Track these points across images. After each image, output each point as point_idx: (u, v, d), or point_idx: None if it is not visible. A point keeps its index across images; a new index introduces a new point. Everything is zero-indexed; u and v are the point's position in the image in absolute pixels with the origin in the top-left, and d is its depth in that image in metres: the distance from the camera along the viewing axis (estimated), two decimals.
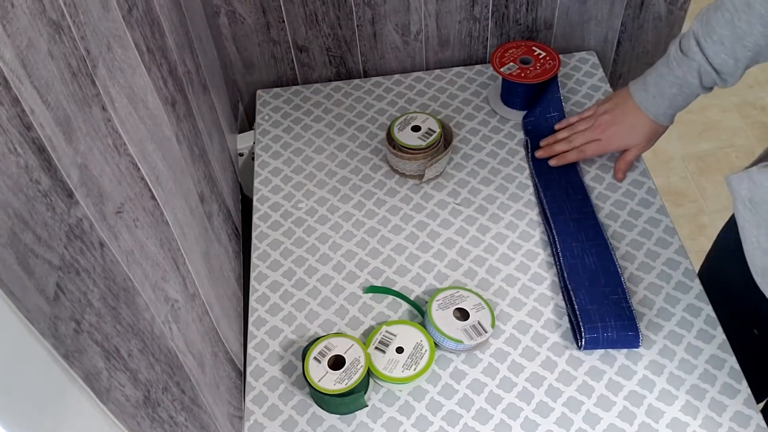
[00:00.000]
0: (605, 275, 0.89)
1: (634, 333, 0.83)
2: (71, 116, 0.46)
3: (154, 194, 0.62)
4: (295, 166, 1.10)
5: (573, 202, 0.98)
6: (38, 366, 0.37)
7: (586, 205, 0.98)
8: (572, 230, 0.94)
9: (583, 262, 0.91)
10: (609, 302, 0.86)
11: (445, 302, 0.87)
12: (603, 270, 0.90)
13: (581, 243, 0.93)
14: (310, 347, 0.83)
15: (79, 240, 0.44)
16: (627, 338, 0.83)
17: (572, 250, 0.92)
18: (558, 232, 0.94)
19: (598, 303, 0.86)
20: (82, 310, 0.43)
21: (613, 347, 0.84)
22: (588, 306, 0.85)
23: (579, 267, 0.90)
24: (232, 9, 1.13)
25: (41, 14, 0.44)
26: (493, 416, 0.81)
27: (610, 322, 0.84)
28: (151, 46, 0.70)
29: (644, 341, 0.85)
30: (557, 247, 0.93)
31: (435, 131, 1.03)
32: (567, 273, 0.90)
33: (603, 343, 0.83)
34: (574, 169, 1.03)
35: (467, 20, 1.19)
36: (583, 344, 0.83)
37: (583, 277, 0.89)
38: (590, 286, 0.88)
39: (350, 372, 0.80)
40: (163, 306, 0.59)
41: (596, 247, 0.92)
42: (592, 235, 0.94)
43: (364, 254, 0.98)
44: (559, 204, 0.98)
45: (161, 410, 0.55)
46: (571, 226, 0.95)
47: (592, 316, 0.84)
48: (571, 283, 0.88)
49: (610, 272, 0.89)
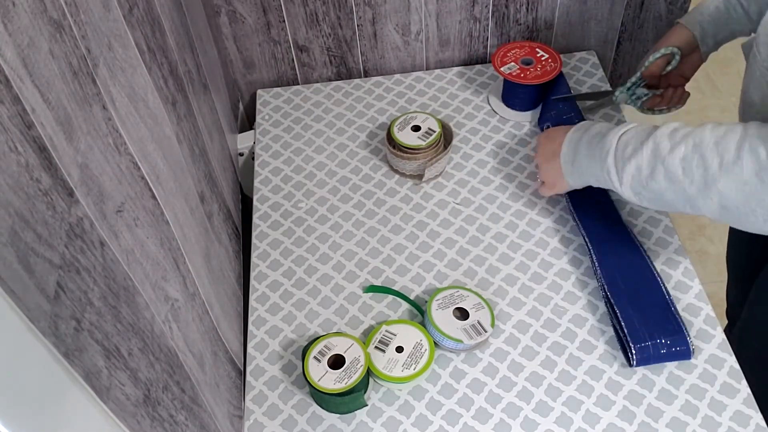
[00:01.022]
0: (645, 284, 0.86)
1: (685, 347, 0.81)
2: (72, 115, 0.46)
3: (155, 193, 0.62)
4: (295, 166, 1.10)
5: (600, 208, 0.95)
6: (38, 365, 0.37)
7: (614, 210, 0.96)
8: (606, 237, 0.92)
9: (622, 271, 0.88)
10: (654, 314, 0.83)
11: (444, 302, 0.87)
12: (642, 278, 0.87)
13: (617, 252, 0.90)
14: (310, 346, 0.83)
15: (79, 239, 0.44)
16: (678, 352, 0.81)
17: (608, 259, 0.89)
18: (592, 238, 0.92)
19: (644, 316, 0.83)
20: (82, 308, 0.43)
21: (664, 361, 0.82)
22: (634, 321, 0.82)
23: (618, 277, 0.87)
24: (233, 9, 1.13)
25: (42, 13, 0.44)
26: (492, 416, 0.81)
27: (659, 338, 0.81)
28: (151, 46, 0.70)
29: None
30: (593, 255, 0.90)
31: (435, 131, 1.03)
32: (607, 284, 0.87)
33: (654, 359, 0.81)
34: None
35: (467, 20, 1.19)
36: (635, 363, 0.81)
37: (623, 287, 0.86)
38: (633, 296, 0.85)
39: (350, 371, 0.80)
40: (163, 305, 0.59)
41: (631, 254, 0.89)
42: (625, 242, 0.91)
43: (363, 254, 0.98)
44: (590, 213, 0.95)
45: (161, 409, 0.55)
46: (604, 232, 0.92)
47: (640, 332, 0.81)
48: (613, 295, 0.85)
49: (649, 280, 0.87)
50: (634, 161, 0.75)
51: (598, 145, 0.81)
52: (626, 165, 0.76)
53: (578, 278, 0.92)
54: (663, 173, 0.72)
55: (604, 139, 0.80)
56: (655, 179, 0.74)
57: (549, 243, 0.97)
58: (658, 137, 0.74)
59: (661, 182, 0.73)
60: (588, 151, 0.83)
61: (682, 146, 0.71)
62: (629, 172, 0.76)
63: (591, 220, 0.94)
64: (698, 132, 0.71)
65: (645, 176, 0.75)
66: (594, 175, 0.83)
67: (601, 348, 0.86)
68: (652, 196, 0.76)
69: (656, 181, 0.74)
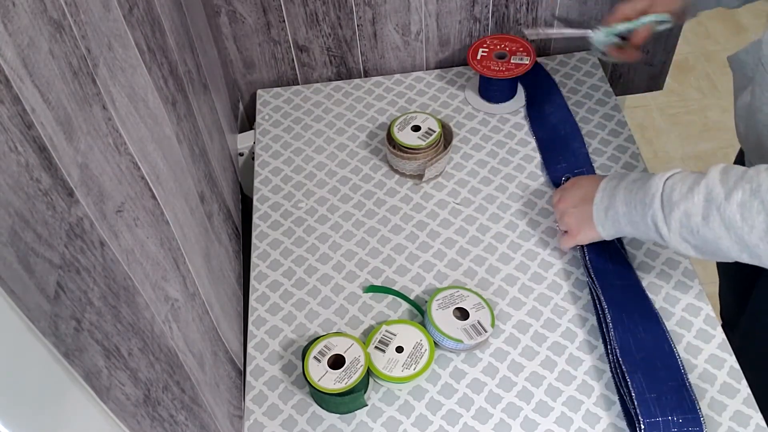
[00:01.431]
0: (661, 355, 0.81)
1: (699, 428, 0.76)
2: (72, 115, 0.46)
3: (155, 193, 0.62)
4: (295, 166, 1.10)
5: (616, 265, 0.89)
6: (39, 365, 0.37)
7: (630, 271, 0.90)
8: (620, 300, 0.86)
9: (636, 338, 0.82)
10: (668, 389, 0.78)
11: (445, 302, 0.87)
12: (657, 348, 0.82)
13: (632, 317, 0.84)
14: (310, 346, 0.83)
15: (79, 239, 0.44)
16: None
17: (623, 323, 0.83)
18: (608, 301, 0.85)
19: (656, 390, 0.77)
20: (82, 308, 0.43)
21: None
22: (646, 394, 0.77)
23: (632, 344, 0.81)
24: (233, 9, 1.13)
25: (42, 13, 0.44)
26: (492, 415, 0.81)
27: (672, 417, 0.76)
28: (151, 46, 0.70)
29: None
30: (606, 318, 0.84)
31: (435, 131, 1.03)
32: (620, 350, 0.81)
33: None
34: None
35: (467, 20, 1.19)
36: None
37: (638, 356, 0.80)
38: (646, 367, 0.79)
39: (350, 371, 0.80)
40: (163, 305, 0.59)
41: (647, 322, 0.84)
42: (641, 308, 0.86)
43: (363, 254, 0.98)
44: (603, 269, 0.89)
45: (161, 409, 0.55)
46: (619, 295, 0.86)
47: (651, 407, 0.76)
48: (626, 364, 0.79)
49: (665, 352, 0.81)
50: (684, 206, 0.72)
51: (640, 191, 0.77)
52: (674, 210, 0.72)
53: (578, 278, 0.92)
54: (719, 220, 0.69)
55: (648, 184, 0.76)
56: (710, 226, 0.70)
57: (549, 243, 0.97)
58: (711, 182, 0.70)
59: (716, 229, 0.70)
60: (627, 197, 0.79)
61: (738, 191, 0.67)
62: (677, 217, 0.72)
63: (608, 280, 0.88)
64: (754, 175, 0.68)
65: (697, 222, 0.71)
66: (633, 222, 0.79)
67: (601, 348, 0.86)
68: (703, 243, 0.72)
69: (711, 228, 0.70)
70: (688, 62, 2.26)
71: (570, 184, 0.91)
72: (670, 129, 2.11)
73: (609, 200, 0.82)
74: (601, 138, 1.09)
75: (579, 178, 0.91)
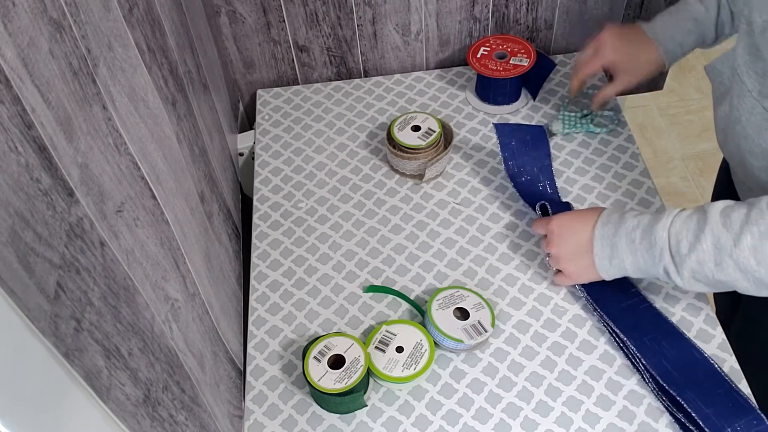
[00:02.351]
0: (698, 367, 0.80)
1: (763, 425, 0.75)
2: (72, 115, 0.46)
3: (155, 193, 0.62)
4: (295, 166, 1.10)
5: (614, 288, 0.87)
6: (39, 364, 0.37)
7: (630, 287, 0.89)
8: (634, 323, 0.84)
9: (668, 358, 0.81)
10: (721, 398, 0.77)
11: (445, 302, 0.87)
12: (692, 361, 0.81)
13: (653, 336, 0.83)
14: (310, 346, 0.83)
15: (79, 239, 0.44)
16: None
17: (647, 347, 0.82)
18: (623, 329, 0.84)
19: (712, 404, 0.76)
20: (82, 308, 0.43)
21: None
22: (705, 410, 0.76)
23: (667, 365, 0.80)
24: (233, 9, 1.13)
25: (42, 13, 0.44)
26: (492, 415, 0.81)
27: (737, 423, 0.75)
28: (151, 46, 0.70)
29: None
30: (629, 347, 0.83)
31: (435, 131, 1.03)
32: (660, 377, 0.79)
33: None
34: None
35: (467, 20, 1.19)
36: None
37: (678, 376, 0.79)
38: (692, 384, 0.78)
39: (350, 371, 0.80)
40: (163, 305, 0.59)
41: (669, 337, 0.83)
42: (656, 324, 0.84)
43: (364, 254, 0.98)
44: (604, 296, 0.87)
45: (161, 409, 0.55)
46: (631, 319, 0.85)
47: (715, 421, 0.75)
48: (672, 388, 0.78)
49: (700, 361, 0.81)
50: (695, 256, 0.72)
51: (644, 241, 0.76)
52: (686, 261, 0.73)
53: None
54: (732, 265, 0.70)
55: (651, 235, 0.76)
56: (725, 272, 0.71)
57: None
58: (715, 228, 0.70)
59: (731, 274, 0.70)
60: (631, 247, 0.78)
61: (747, 235, 0.68)
62: (690, 267, 0.73)
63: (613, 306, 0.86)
64: (757, 217, 0.68)
65: (711, 269, 0.71)
66: (641, 270, 0.79)
67: (601, 348, 0.86)
68: (720, 285, 0.73)
69: (726, 273, 0.71)
70: (688, 62, 2.26)
71: (558, 228, 0.86)
72: (670, 129, 2.11)
73: (611, 250, 0.80)
74: (601, 138, 1.09)
75: (565, 221, 0.86)
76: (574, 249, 0.84)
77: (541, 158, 1.04)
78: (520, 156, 1.03)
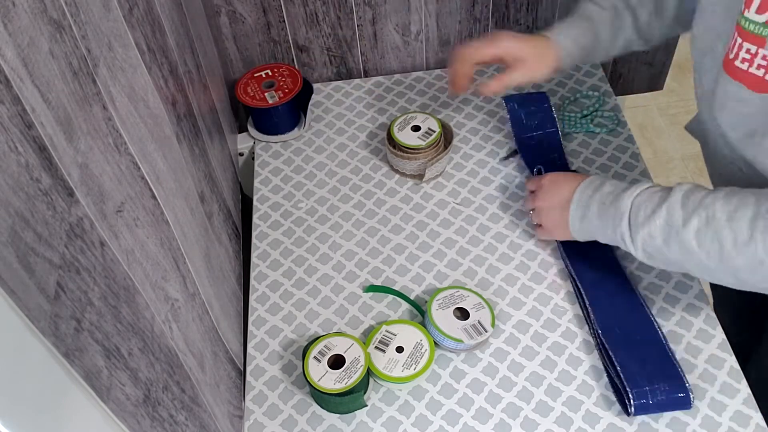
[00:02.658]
0: (641, 329, 0.83)
1: (685, 394, 0.78)
2: (72, 115, 0.46)
3: (155, 193, 0.62)
4: (295, 166, 1.10)
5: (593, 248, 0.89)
6: (39, 364, 0.37)
7: (607, 250, 0.92)
8: (597, 280, 0.89)
9: (617, 316, 0.85)
10: (652, 360, 0.80)
11: (445, 302, 0.87)
12: (638, 323, 0.84)
13: (609, 293, 0.87)
14: (310, 346, 0.83)
15: (79, 239, 0.44)
16: (678, 400, 0.78)
17: (601, 303, 0.86)
18: (582, 282, 0.89)
19: (641, 363, 0.80)
20: (82, 308, 0.43)
21: (663, 411, 0.79)
22: (632, 368, 0.79)
23: (613, 322, 0.84)
24: (233, 9, 1.13)
25: (42, 13, 0.44)
26: (492, 416, 0.81)
27: (658, 384, 0.78)
28: (151, 46, 0.70)
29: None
30: (585, 301, 0.87)
31: (435, 131, 1.03)
32: (602, 331, 0.84)
33: (653, 407, 0.78)
34: None
35: (467, 20, 1.19)
36: (633, 411, 0.78)
37: (620, 333, 0.83)
38: (629, 343, 0.82)
39: (350, 371, 0.80)
40: (163, 305, 0.59)
41: (625, 298, 0.87)
42: (619, 285, 0.88)
43: (364, 254, 0.98)
44: (581, 252, 0.92)
45: (161, 409, 0.55)
46: (597, 276, 0.89)
47: (638, 379, 0.78)
48: (609, 342, 0.82)
49: (646, 324, 0.84)
50: (647, 229, 0.74)
51: (611, 207, 0.78)
52: (639, 231, 0.74)
53: None
54: (678, 245, 0.71)
55: (618, 201, 0.77)
56: (671, 249, 0.72)
57: (549, 243, 0.96)
58: (672, 205, 0.72)
59: (676, 253, 0.72)
60: (600, 212, 0.80)
61: (695, 219, 0.69)
62: (642, 238, 0.74)
63: (584, 264, 0.91)
64: (710, 203, 0.69)
65: (659, 245, 0.73)
66: (605, 235, 0.80)
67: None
68: (669, 263, 0.75)
69: (671, 251, 0.72)
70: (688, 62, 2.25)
71: (548, 183, 0.89)
72: (670, 129, 2.11)
73: (583, 210, 0.83)
74: (601, 138, 1.09)
75: (557, 178, 0.89)
76: (555, 204, 0.88)
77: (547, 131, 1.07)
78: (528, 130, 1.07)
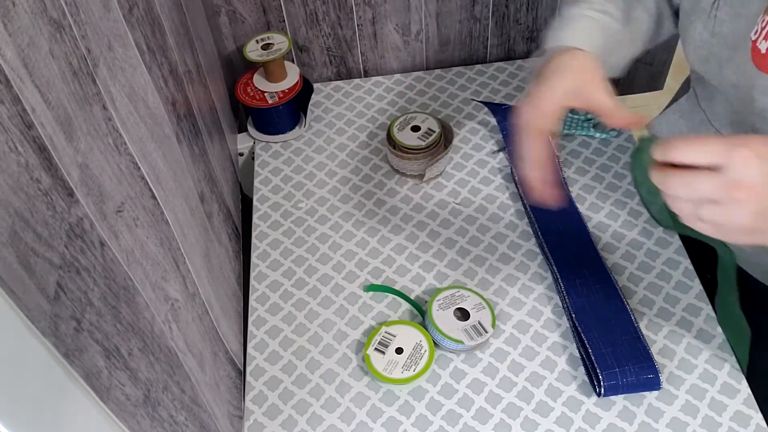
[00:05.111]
0: (614, 313, 0.85)
1: (654, 375, 0.80)
2: (72, 115, 0.46)
3: (155, 193, 0.62)
4: (295, 166, 1.10)
5: (570, 232, 0.93)
6: (39, 365, 0.37)
7: (584, 234, 0.94)
8: (574, 266, 0.90)
9: (590, 300, 0.87)
10: (623, 343, 0.82)
11: (445, 302, 0.87)
12: (611, 308, 0.86)
13: (585, 279, 0.89)
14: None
15: (79, 239, 0.44)
16: (647, 381, 0.80)
17: (576, 288, 0.88)
18: (560, 269, 0.90)
19: (612, 345, 0.82)
20: (82, 309, 0.43)
21: (633, 392, 0.80)
22: (603, 350, 0.81)
23: (587, 307, 0.86)
24: (233, 8, 1.13)
25: (42, 13, 0.44)
26: (493, 416, 0.81)
27: (627, 366, 0.80)
28: (151, 46, 0.70)
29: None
30: (561, 285, 0.89)
31: (435, 131, 1.03)
32: (575, 314, 0.86)
33: (623, 388, 0.80)
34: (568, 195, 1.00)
35: (468, 20, 1.19)
36: (603, 392, 0.79)
37: (592, 317, 0.85)
38: (601, 326, 0.84)
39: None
40: (163, 305, 0.59)
41: (600, 283, 0.88)
42: (594, 270, 0.90)
43: (364, 254, 0.98)
44: (557, 236, 0.94)
45: (161, 409, 0.55)
46: (573, 261, 0.91)
47: (608, 360, 0.80)
48: (581, 325, 0.84)
49: (618, 309, 0.86)
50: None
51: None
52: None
53: None
54: None
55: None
56: None
57: None
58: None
59: None
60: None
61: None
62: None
63: (561, 250, 0.92)
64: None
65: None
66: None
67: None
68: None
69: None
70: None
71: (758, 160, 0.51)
72: None
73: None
74: (601, 138, 1.09)
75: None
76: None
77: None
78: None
